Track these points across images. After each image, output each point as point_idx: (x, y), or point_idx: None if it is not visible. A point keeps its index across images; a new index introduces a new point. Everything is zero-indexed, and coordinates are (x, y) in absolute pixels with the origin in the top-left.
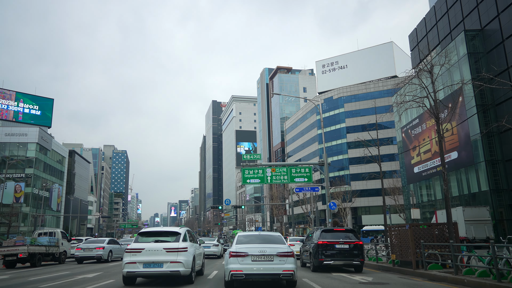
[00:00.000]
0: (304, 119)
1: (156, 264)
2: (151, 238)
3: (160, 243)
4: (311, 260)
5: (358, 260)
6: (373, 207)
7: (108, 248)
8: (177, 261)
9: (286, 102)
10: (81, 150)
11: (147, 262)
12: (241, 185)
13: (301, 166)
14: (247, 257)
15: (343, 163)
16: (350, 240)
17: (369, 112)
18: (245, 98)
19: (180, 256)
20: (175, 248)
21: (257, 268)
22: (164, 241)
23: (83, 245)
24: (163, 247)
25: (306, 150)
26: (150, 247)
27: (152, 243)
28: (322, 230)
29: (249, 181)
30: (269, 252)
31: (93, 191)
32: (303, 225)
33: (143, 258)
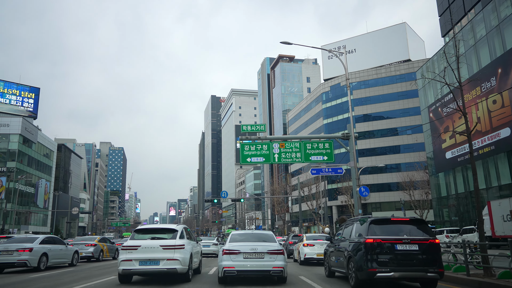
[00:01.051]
0: (309, 109)
1: (152, 262)
2: (147, 235)
3: (156, 240)
4: (351, 269)
5: (434, 271)
6: (385, 203)
7: (39, 251)
8: (174, 258)
9: (288, 93)
10: (73, 146)
11: (143, 259)
12: (241, 182)
13: (319, 140)
14: (239, 254)
15: None
16: (420, 238)
17: (380, 99)
18: (245, 92)
19: (177, 254)
20: (172, 245)
21: (248, 265)
22: (161, 238)
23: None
24: (159, 244)
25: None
26: (147, 244)
27: (149, 240)
28: (371, 221)
29: (250, 160)
30: (260, 250)
31: (86, 188)
32: (307, 223)
33: (139, 255)
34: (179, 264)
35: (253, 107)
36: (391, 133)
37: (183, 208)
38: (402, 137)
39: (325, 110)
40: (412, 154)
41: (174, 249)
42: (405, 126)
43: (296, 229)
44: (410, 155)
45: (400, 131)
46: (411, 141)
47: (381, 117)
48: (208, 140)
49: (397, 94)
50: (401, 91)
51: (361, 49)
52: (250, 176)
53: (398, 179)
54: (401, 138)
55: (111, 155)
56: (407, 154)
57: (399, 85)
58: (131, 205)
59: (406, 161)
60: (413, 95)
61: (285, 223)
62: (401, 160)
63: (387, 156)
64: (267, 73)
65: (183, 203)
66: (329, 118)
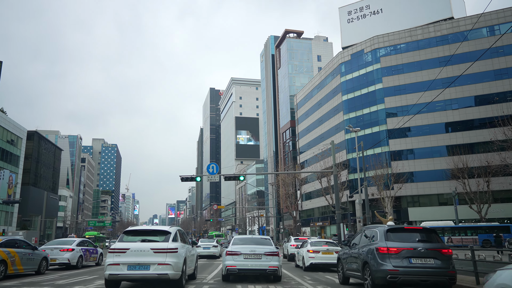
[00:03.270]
0: (323, 85)
1: (142, 266)
2: (137, 237)
3: (147, 242)
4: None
5: None
6: (424, 196)
7: None
8: (166, 263)
9: (296, 73)
10: (55, 137)
11: (132, 263)
12: None
13: None
14: (240, 255)
15: (380, 136)
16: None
17: (415, 67)
18: (246, 81)
19: (169, 258)
20: (164, 248)
21: (248, 264)
22: (152, 240)
23: None
24: (150, 247)
25: (325, 125)
26: (136, 247)
27: (138, 242)
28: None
29: None
30: (258, 252)
31: (70, 185)
32: (321, 222)
33: (127, 259)
34: (171, 269)
35: (255, 98)
36: (431, 108)
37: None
38: (447, 113)
39: (345, 83)
40: (464, 134)
41: (166, 253)
42: (449, 100)
43: (307, 230)
44: (460, 135)
45: (445, 105)
46: (459, 117)
47: (417, 89)
48: (207, 135)
49: (438, 60)
50: (443, 56)
51: (389, 8)
52: (252, 171)
53: (443, 165)
54: (445, 114)
55: (104, 152)
56: (457, 134)
57: (440, 49)
58: (129, 207)
59: (452, 142)
60: (460, 60)
61: (295, 221)
62: (445, 142)
63: (426, 137)
64: (271, 53)
65: (182, 205)
66: (349, 93)
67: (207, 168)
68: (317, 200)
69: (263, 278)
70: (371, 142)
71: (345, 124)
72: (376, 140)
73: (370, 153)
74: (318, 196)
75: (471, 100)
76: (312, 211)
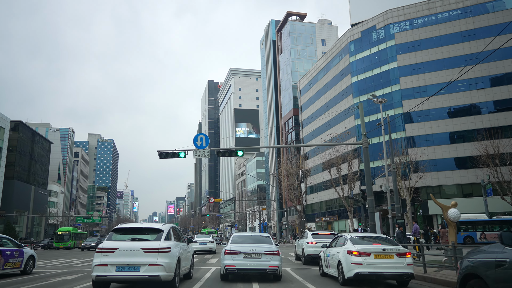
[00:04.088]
0: (329, 67)
1: (131, 267)
2: (127, 235)
3: (137, 241)
4: None
5: None
6: (448, 186)
7: None
8: (157, 263)
9: (299, 58)
10: (46, 130)
11: (121, 264)
12: (241, 173)
13: None
14: (239, 254)
15: (395, 120)
16: None
17: (433, 43)
18: (245, 72)
19: (161, 258)
20: (155, 248)
21: (247, 264)
22: (143, 239)
23: None
24: (140, 246)
25: (332, 110)
26: (125, 246)
27: (128, 241)
28: None
29: None
30: (257, 251)
31: (61, 180)
32: (329, 218)
33: (116, 259)
34: (163, 270)
35: (255, 89)
36: (453, 88)
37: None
38: (471, 93)
39: (354, 64)
40: (492, 117)
41: (157, 253)
42: (473, 78)
43: (312, 226)
44: (487, 118)
45: (469, 84)
46: (485, 98)
47: (436, 67)
48: (205, 129)
49: (460, 35)
50: (466, 30)
51: None
52: (252, 165)
53: (467, 152)
54: (469, 95)
55: (100, 147)
56: (483, 117)
57: (463, 22)
58: (127, 204)
59: (478, 126)
60: (486, 34)
61: (301, 215)
62: (470, 126)
63: (448, 121)
64: (272, 39)
65: (181, 202)
66: (360, 74)
67: (194, 140)
68: (323, 194)
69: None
70: (385, 127)
71: (355, 108)
72: (390, 125)
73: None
74: (326, 188)
75: (500, 78)
76: (317, 206)
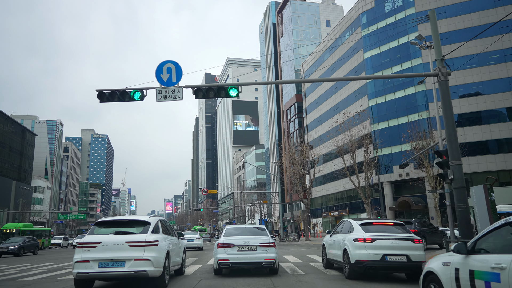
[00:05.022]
0: (337, 45)
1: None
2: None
3: (122, 235)
4: None
5: None
6: (480, 174)
7: None
8: (144, 258)
9: (302, 40)
10: (32, 122)
11: (104, 260)
12: (239, 168)
13: None
14: (233, 247)
15: (417, 99)
16: None
17: (462, 9)
18: (243, 62)
19: (148, 252)
20: (142, 241)
21: (241, 257)
22: (128, 232)
23: None
24: (125, 240)
25: (342, 92)
26: (109, 240)
27: (112, 235)
28: None
29: None
30: (252, 243)
31: (48, 176)
32: (338, 212)
33: (98, 255)
34: (150, 265)
35: (253, 80)
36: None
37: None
38: (507, 66)
39: (368, 37)
40: None
41: (144, 246)
42: (510, 49)
43: (318, 222)
44: None
45: (504, 55)
46: None
47: (464, 36)
48: (202, 124)
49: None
50: None
51: None
52: (251, 158)
53: (503, 134)
54: (505, 67)
55: (94, 143)
56: None
57: None
58: (124, 202)
59: None
60: None
61: (307, 209)
62: (506, 104)
63: (479, 98)
64: (272, 22)
65: (179, 199)
66: (374, 49)
67: (157, 72)
68: (331, 185)
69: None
70: (404, 107)
71: (368, 88)
72: (410, 105)
73: (403, 121)
74: (335, 179)
75: None
76: (324, 199)
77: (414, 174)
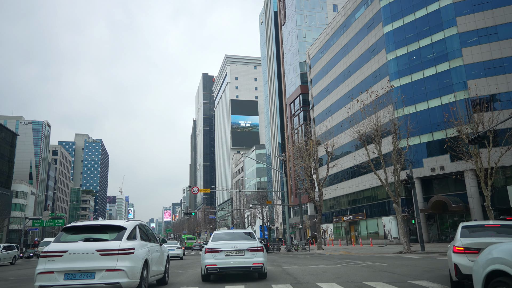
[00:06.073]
0: (349, 22)
1: (84, 274)
2: (80, 235)
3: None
4: None
5: None
6: None
7: None
8: (117, 268)
9: (307, 26)
10: (16, 123)
11: (70, 270)
12: (238, 171)
13: None
14: (220, 252)
15: (452, 77)
16: None
17: None
18: (242, 59)
19: (122, 261)
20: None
21: (229, 262)
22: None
23: None
24: (95, 248)
25: (356, 76)
26: (77, 248)
27: (80, 242)
28: None
29: None
30: (240, 248)
31: (33, 180)
32: (352, 216)
33: (64, 265)
34: (124, 276)
35: (253, 78)
36: None
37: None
38: None
39: (388, 8)
40: None
41: (117, 255)
42: None
43: (329, 227)
44: None
45: None
46: None
47: None
48: (200, 127)
49: None
50: None
51: None
52: (251, 160)
53: None
54: None
55: (87, 148)
56: None
57: None
58: (121, 210)
59: None
60: None
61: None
62: None
63: None
64: (273, 10)
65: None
66: (396, 21)
67: None
68: (345, 185)
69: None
70: (437, 87)
71: (389, 67)
72: (443, 84)
73: (436, 104)
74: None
75: None
76: (335, 202)
77: (451, 167)
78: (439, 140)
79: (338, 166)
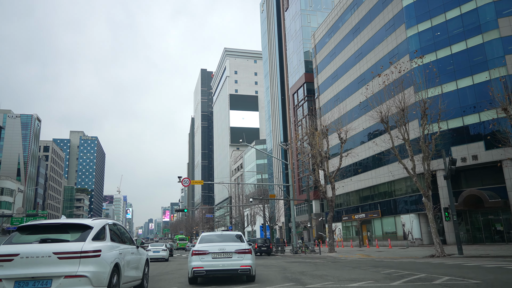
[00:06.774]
0: (360, 0)
1: (38, 282)
2: (36, 235)
3: (49, 243)
4: None
5: None
6: None
7: None
8: (78, 274)
9: (312, 10)
10: (3, 116)
11: (22, 277)
12: (238, 168)
13: None
14: (208, 254)
15: (486, 52)
16: None
17: None
18: (242, 53)
19: (85, 266)
20: (76, 251)
21: (216, 265)
22: (58, 240)
23: None
24: (53, 250)
25: (369, 57)
26: (30, 251)
27: (35, 244)
28: None
29: None
30: (228, 250)
31: (21, 177)
32: (363, 214)
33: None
34: (87, 283)
35: (253, 72)
36: None
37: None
38: None
39: None
40: None
41: (79, 258)
42: None
43: (337, 227)
44: None
45: None
46: None
47: None
48: (198, 124)
49: None
50: None
51: None
52: (251, 156)
53: None
54: None
55: (83, 145)
56: None
57: None
58: (119, 210)
59: None
60: None
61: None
62: None
63: None
64: None
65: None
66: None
67: None
68: (356, 178)
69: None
70: (467, 65)
71: (409, 44)
72: (473, 62)
73: (467, 84)
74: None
75: None
76: (344, 198)
77: (486, 156)
78: (471, 125)
79: (351, 156)
